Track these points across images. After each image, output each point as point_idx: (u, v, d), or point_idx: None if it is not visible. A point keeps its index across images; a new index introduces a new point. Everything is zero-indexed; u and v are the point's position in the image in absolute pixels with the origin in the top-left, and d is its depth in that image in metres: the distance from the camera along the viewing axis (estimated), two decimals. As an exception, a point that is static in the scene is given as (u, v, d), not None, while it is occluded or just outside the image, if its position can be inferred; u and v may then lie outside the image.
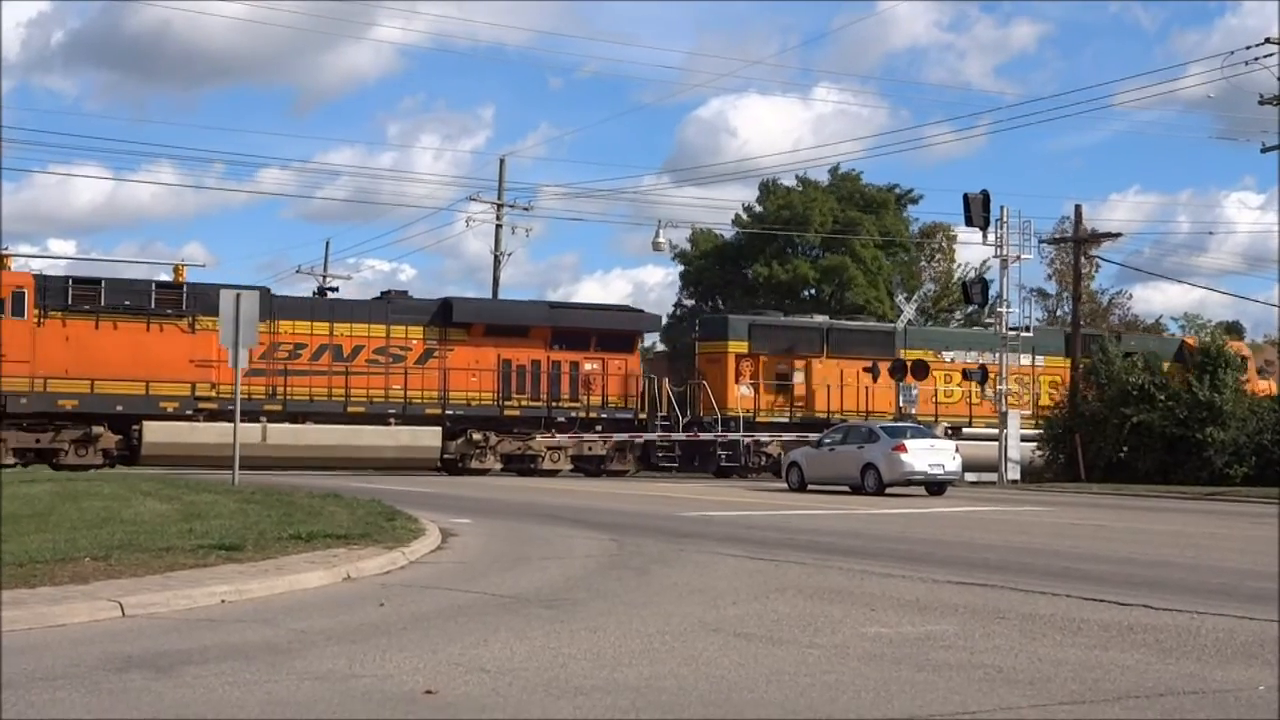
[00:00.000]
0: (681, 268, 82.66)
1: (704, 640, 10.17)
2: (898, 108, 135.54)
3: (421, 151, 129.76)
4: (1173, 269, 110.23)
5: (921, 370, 49.53)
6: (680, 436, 47.78)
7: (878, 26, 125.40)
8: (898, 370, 49.06)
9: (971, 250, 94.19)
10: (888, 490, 34.94)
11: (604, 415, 47.85)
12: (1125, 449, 45.70)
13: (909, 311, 52.96)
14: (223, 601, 11.72)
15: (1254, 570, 16.22)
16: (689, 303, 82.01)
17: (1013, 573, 15.07)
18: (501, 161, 63.11)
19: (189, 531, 16.17)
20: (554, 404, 47.16)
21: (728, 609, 11.92)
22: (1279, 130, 42.40)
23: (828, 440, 38.25)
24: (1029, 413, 49.43)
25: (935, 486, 35.40)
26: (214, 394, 41.91)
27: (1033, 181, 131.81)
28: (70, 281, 41.77)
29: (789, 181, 79.54)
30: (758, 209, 79.55)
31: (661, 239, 58.72)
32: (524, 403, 46.40)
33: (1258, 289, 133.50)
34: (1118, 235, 55.91)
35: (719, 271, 79.22)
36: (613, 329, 49.01)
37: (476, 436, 45.82)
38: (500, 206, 61.26)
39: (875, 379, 49.65)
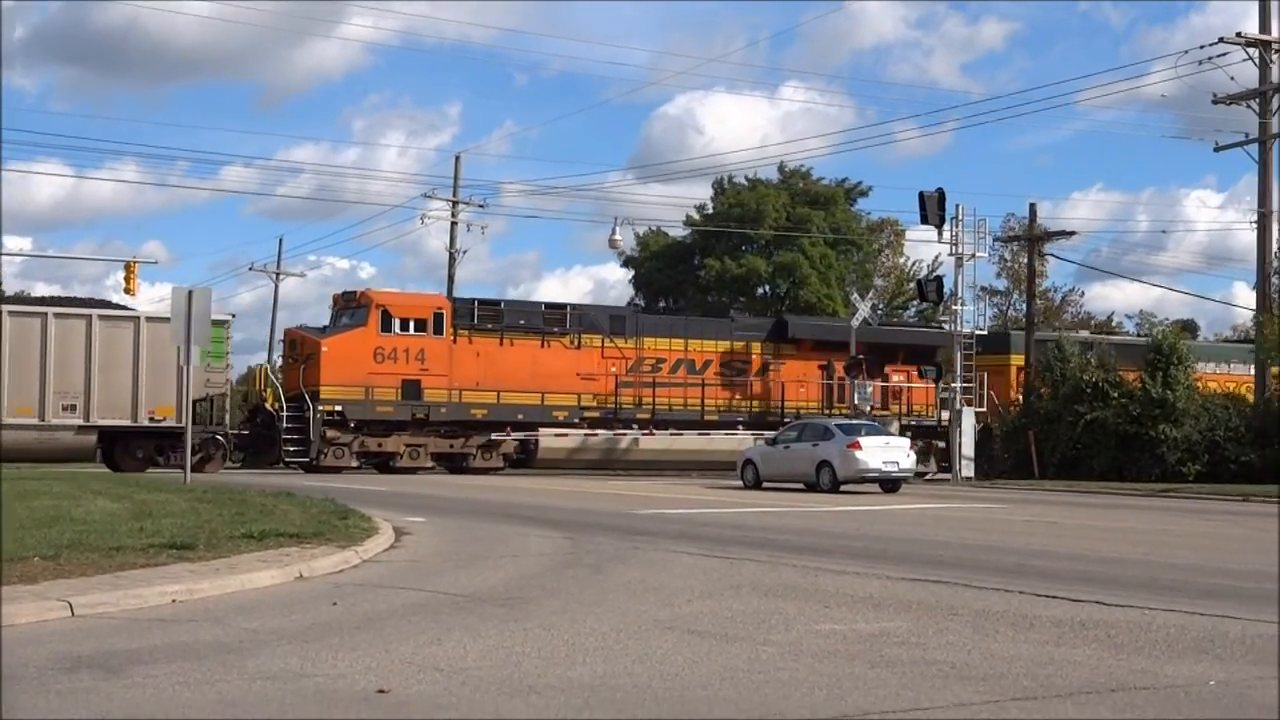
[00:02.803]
0: (630, 272, 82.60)
1: (658, 638, 10.16)
2: (864, 106, 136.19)
3: (386, 148, 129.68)
4: (1132, 267, 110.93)
5: (876, 368, 49.86)
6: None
7: (846, 23, 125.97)
8: (853, 367, 49.28)
9: (925, 247, 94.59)
10: (843, 488, 35.02)
11: (912, 422, 50.94)
12: (1079, 446, 45.95)
13: (864, 309, 52.98)
14: (174, 601, 11.62)
15: (1205, 566, 16.35)
16: (640, 303, 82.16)
17: (966, 569, 15.12)
18: (457, 159, 63.19)
19: (140, 530, 16.05)
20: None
21: (682, 607, 11.90)
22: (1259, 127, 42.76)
23: (783, 438, 38.30)
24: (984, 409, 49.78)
25: (890, 484, 35.53)
26: (595, 404, 47.57)
27: (998, 179, 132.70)
28: (476, 303, 46.99)
29: (760, 178, 79.70)
30: (710, 209, 79.59)
31: (618, 236, 58.74)
32: (843, 410, 49.31)
33: (1215, 288, 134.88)
34: (1072, 234, 56.03)
35: (671, 271, 79.13)
36: (917, 344, 54.65)
37: None
38: (456, 204, 61.16)
39: (832, 376, 50.08)
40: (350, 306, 45.50)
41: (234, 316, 45.60)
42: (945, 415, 49.91)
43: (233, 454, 43.92)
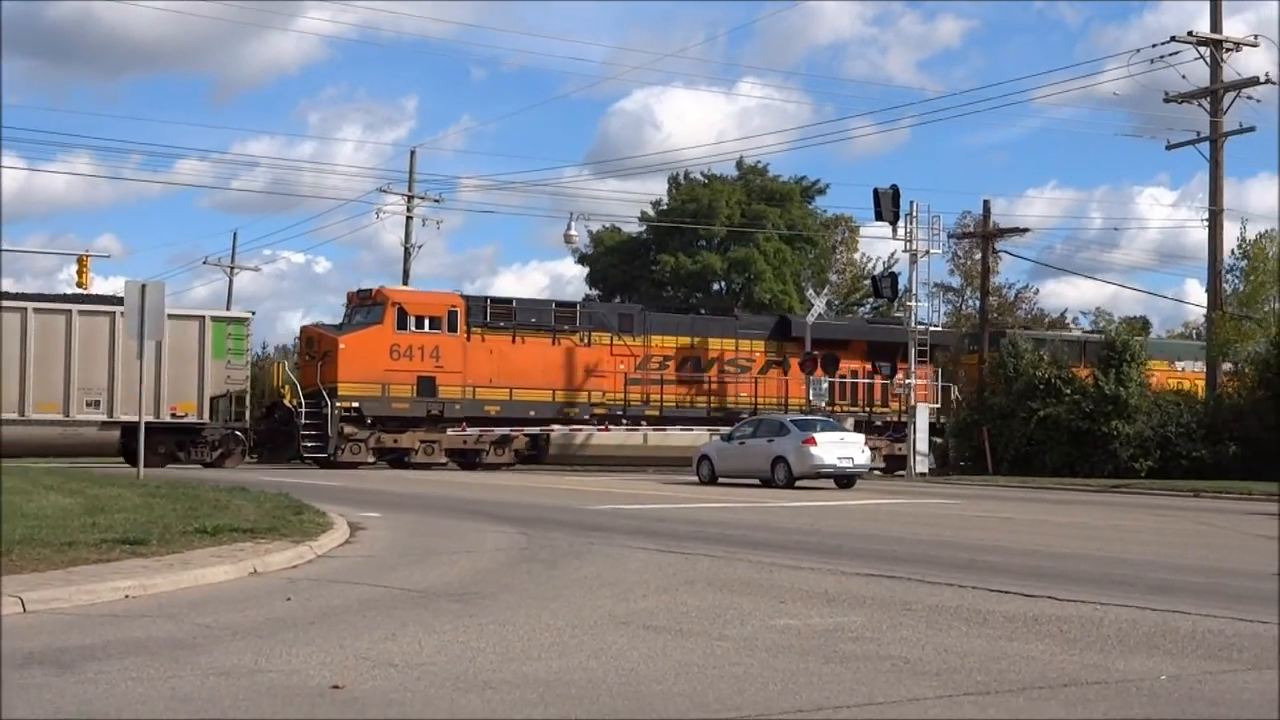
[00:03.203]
0: (585, 268, 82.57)
1: (613, 633, 10.17)
2: (821, 103, 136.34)
3: (342, 142, 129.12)
4: (1086, 265, 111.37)
5: (831, 363, 50.03)
6: None
7: (803, 20, 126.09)
8: (808, 363, 49.43)
9: (881, 244, 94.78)
10: (798, 483, 35.10)
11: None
12: (1032, 442, 46.19)
13: (819, 305, 53.21)
14: (126, 597, 11.56)
15: (1157, 562, 16.47)
16: (595, 296, 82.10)
17: (920, 565, 15.18)
18: (412, 153, 62.97)
19: (92, 525, 15.96)
20: (870, 409, 51.92)
21: (637, 602, 11.91)
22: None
23: (738, 434, 38.36)
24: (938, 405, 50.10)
25: (844, 479, 35.62)
26: (605, 400, 48.51)
27: (954, 177, 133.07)
28: (489, 301, 48.04)
29: (715, 173, 79.73)
30: (665, 204, 79.60)
31: (574, 231, 58.68)
32: (845, 408, 50.24)
33: (1168, 285, 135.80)
34: (1025, 230, 56.31)
35: (626, 267, 79.10)
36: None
37: None
38: (410, 198, 60.99)
39: (785, 373, 50.35)
40: (366, 304, 46.28)
41: (254, 314, 46.96)
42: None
43: (251, 450, 44.72)
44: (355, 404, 44.34)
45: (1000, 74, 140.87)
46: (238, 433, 43.94)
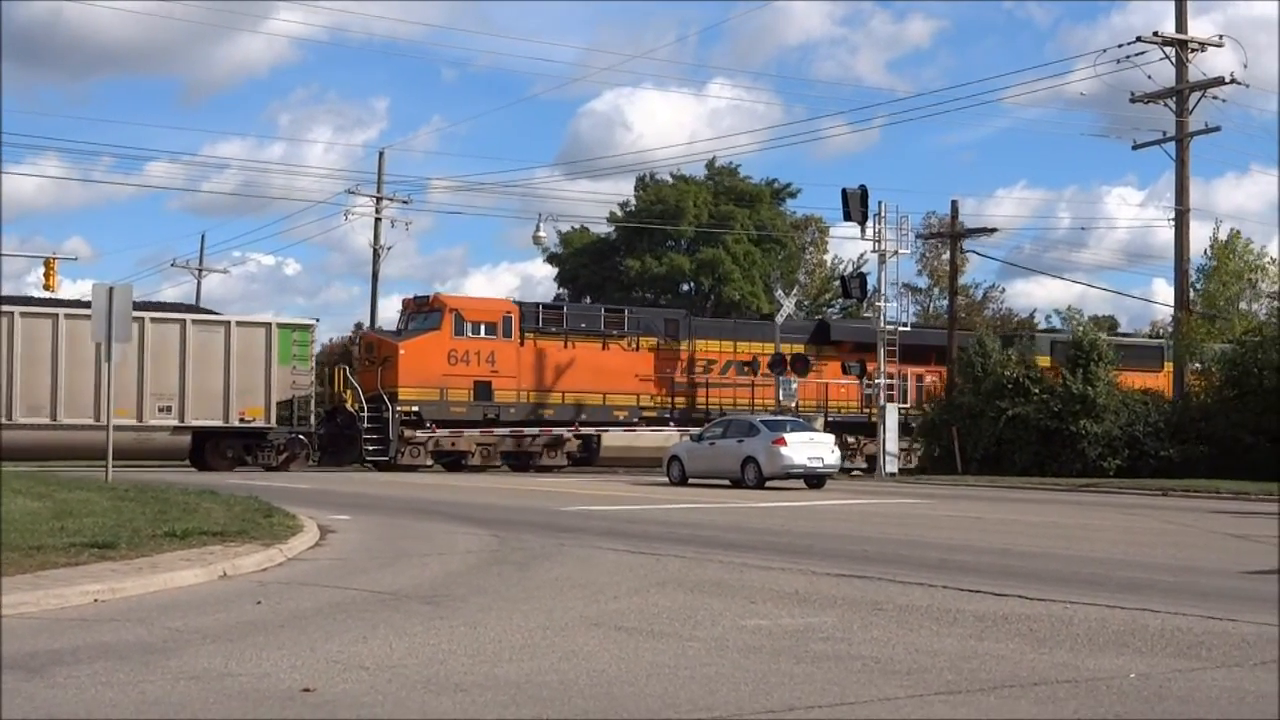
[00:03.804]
0: (554, 269, 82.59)
1: (584, 635, 10.17)
2: (791, 103, 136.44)
3: (312, 144, 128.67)
4: (1054, 264, 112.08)
5: (801, 365, 50.11)
6: None
7: (773, 20, 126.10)
8: (777, 364, 49.50)
9: (852, 245, 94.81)
10: (768, 484, 35.13)
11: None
12: (1001, 442, 46.30)
13: (788, 306, 53.31)
14: (96, 601, 11.51)
15: (1125, 560, 16.56)
16: (565, 296, 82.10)
17: (890, 564, 15.22)
18: (380, 154, 62.96)
19: (61, 529, 15.87)
20: (905, 411, 51.73)
21: (608, 603, 11.92)
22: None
23: (709, 434, 38.38)
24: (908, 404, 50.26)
25: (814, 479, 35.66)
26: (653, 404, 49.99)
27: (924, 177, 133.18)
28: (540, 307, 49.81)
29: (683, 174, 79.73)
30: (633, 205, 79.61)
31: (542, 233, 58.62)
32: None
33: (1136, 284, 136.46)
34: (993, 230, 56.33)
35: (595, 268, 79.11)
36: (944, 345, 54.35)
37: (850, 440, 49.88)
38: (379, 200, 60.91)
39: (755, 373, 50.45)
40: (422, 310, 47.61)
41: (318, 321, 48.07)
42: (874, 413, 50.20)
43: (314, 454, 45.86)
44: (415, 408, 45.50)
45: (969, 74, 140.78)
46: (301, 437, 44.90)
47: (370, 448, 44.76)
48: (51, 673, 8.51)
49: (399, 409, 44.85)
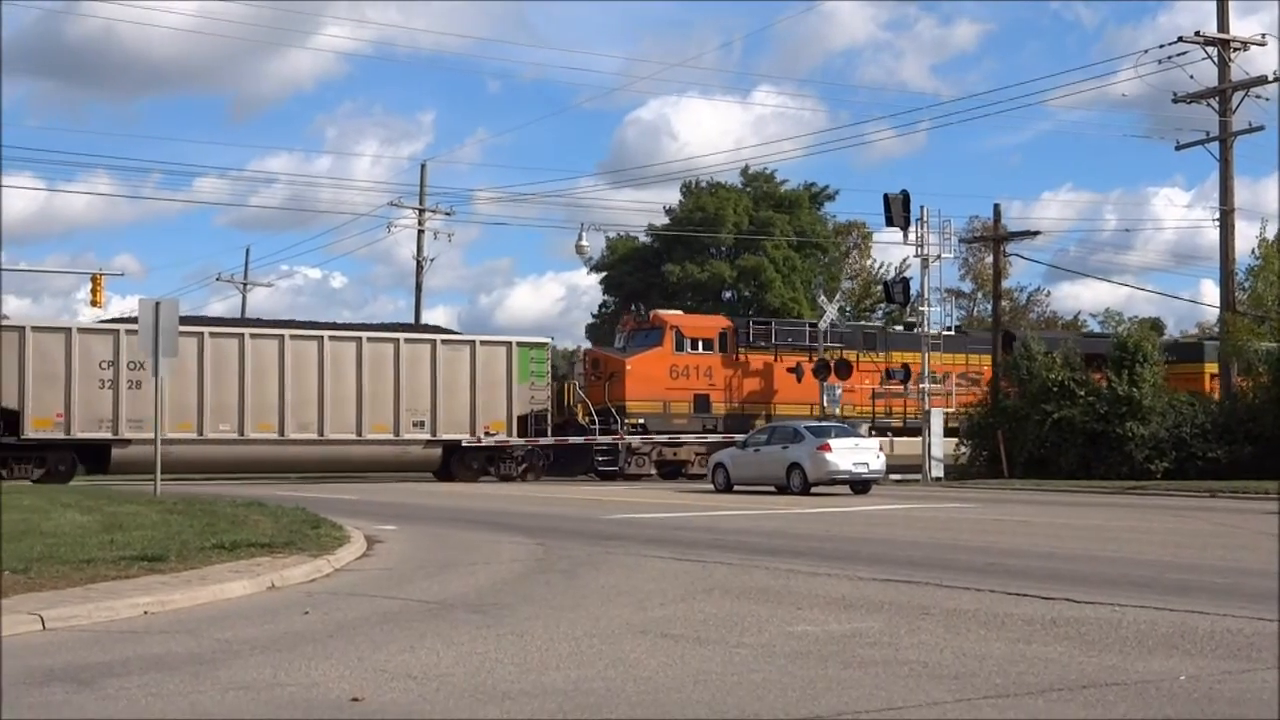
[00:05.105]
0: (597, 276, 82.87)
1: (631, 642, 10.17)
2: (836, 109, 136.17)
3: (359, 157, 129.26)
4: (1101, 266, 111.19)
5: (845, 369, 50.03)
6: None
7: (818, 25, 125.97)
8: (821, 370, 49.46)
9: (896, 249, 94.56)
10: (813, 490, 35.07)
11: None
12: (1047, 445, 46.05)
13: (831, 312, 53.34)
14: (145, 613, 11.60)
15: (1174, 562, 16.44)
16: (610, 298, 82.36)
17: (937, 569, 15.17)
18: (423, 166, 63.22)
19: (110, 543, 15.99)
20: None
21: (655, 610, 11.92)
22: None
23: (753, 441, 38.35)
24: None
25: (860, 485, 35.58)
26: (856, 414, 50.74)
27: (970, 180, 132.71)
28: (751, 323, 52.58)
29: (720, 182, 79.79)
30: (677, 212, 79.73)
31: (585, 242, 58.69)
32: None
33: (1183, 286, 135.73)
34: (1036, 234, 56.04)
35: (640, 275, 79.26)
36: None
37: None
38: (422, 212, 61.13)
39: (800, 379, 50.39)
40: (643, 329, 51.09)
41: (552, 340, 51.47)
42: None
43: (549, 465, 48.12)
44: (641, 420, 48.26)
45: (1014, 77, 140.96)
46: (539, 449, 47.39)
47: (601, 458, 47.11)
48: (102, 684, 8.58)
49: (627, 421, 47.58)
